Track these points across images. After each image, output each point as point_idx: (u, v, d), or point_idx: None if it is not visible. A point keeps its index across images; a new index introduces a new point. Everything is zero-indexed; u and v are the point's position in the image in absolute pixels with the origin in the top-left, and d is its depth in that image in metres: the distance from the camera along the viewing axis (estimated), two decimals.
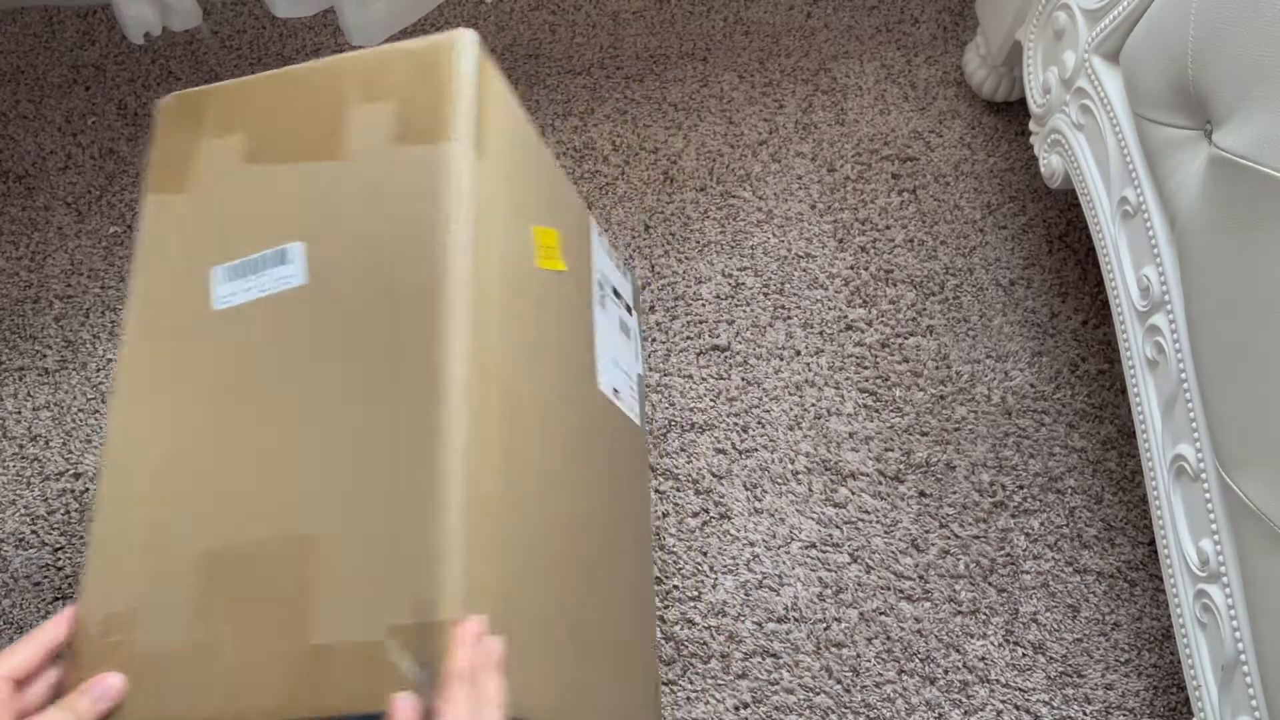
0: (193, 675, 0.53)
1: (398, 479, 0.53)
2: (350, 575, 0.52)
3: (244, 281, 0.60)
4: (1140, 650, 0.91)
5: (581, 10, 1.26)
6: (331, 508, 0.54)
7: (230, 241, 0.60)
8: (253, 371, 0.58)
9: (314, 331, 0.57)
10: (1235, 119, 0.68)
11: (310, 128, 0.62)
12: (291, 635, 0.52)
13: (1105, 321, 1.06)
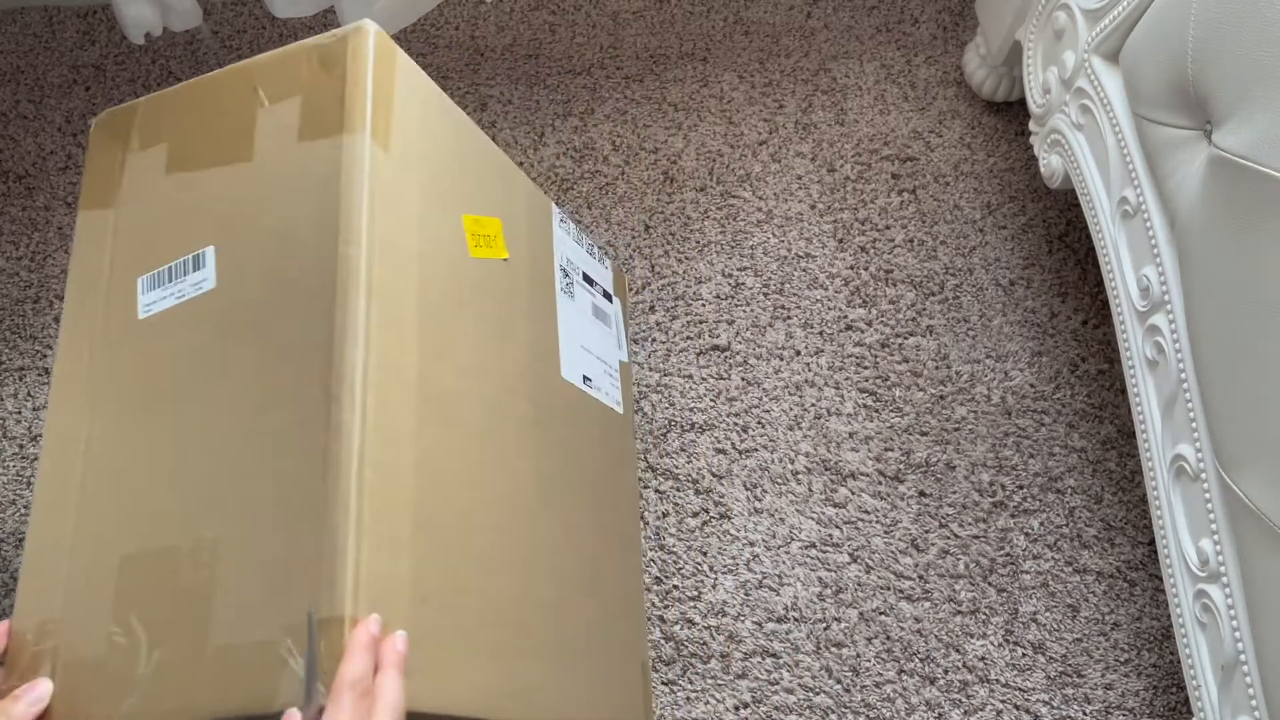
0: (112, 678, 0.54)
1: (294, 479, 0.53)
2: (251, 576, 0.53)
3: (164, 289, 0.60)
4: (1140, 650, 0.91)
5: (581, 10, 1.26)
6: (233, 510, 0.54)
7: (153, 251, 0.62)
8: (168, 378, 0.59)
9: (223, 335, 0.58)
10: (1235, 119, 0.68)
11: (224, 133, 0.62)
12: (197, 636, 0.52)
13: (1105, 321, 1.06)
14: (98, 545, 0.57)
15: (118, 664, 0.54)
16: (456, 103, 1.19)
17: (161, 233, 0.62)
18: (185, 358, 0.59)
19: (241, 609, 0.52)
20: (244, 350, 0.57)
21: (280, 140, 0.60)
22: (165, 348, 0.59)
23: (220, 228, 0.60)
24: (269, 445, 0.54)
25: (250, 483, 0.54)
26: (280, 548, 0.52)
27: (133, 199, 0.63)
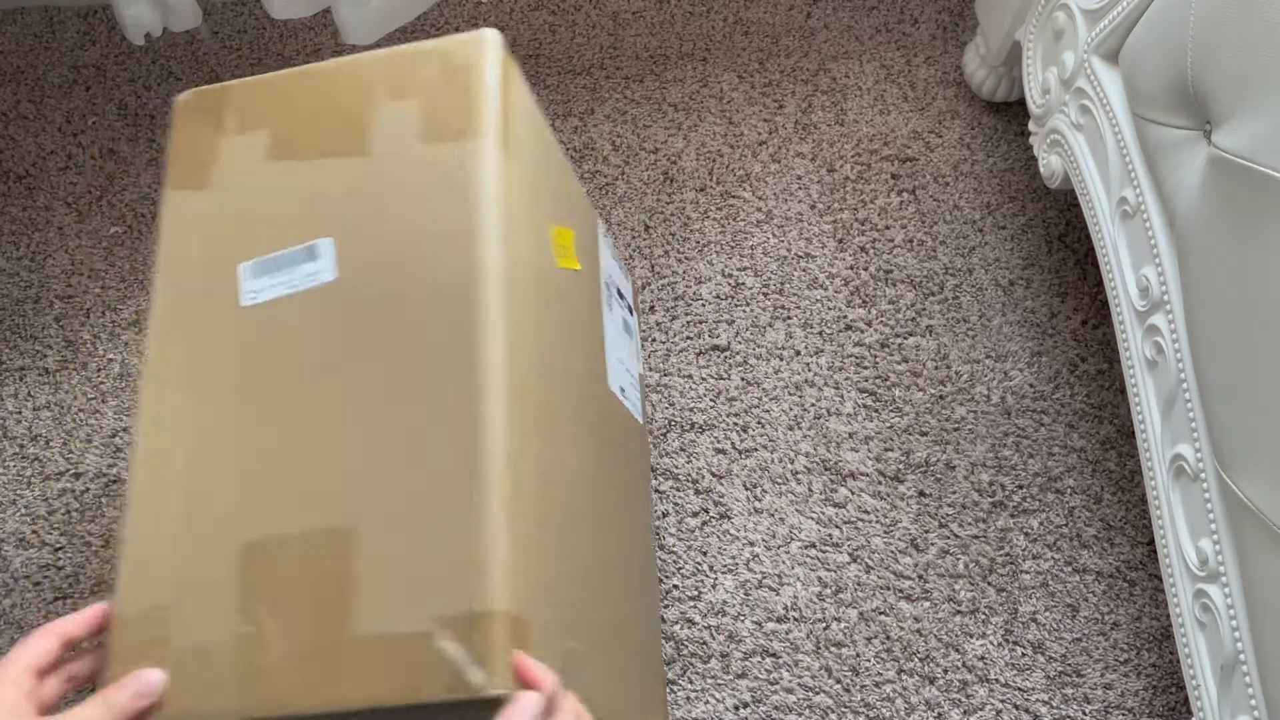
0: (234, 669, 0.53)
1: (440, 475, 0.54)
2: (393, 568, 0.53)
3: (272, 278, 0.60)
4: (1139, 650, 0.91)
5: (581, 10, 1.26)
6: (371, 502, 0.54)
7: (256, 238, 0.61)
8: (283, 367, 0.58)
9: (345, 328, 0.58)
10: (1234, 119, 0.68)
11: (335, 126, 0.62)
12: (336, 627, 0.52)
13: (1104, 321, 1.06)
14: (213, 533, 0.55)
15: (245, 653, 0.53)
16: None
17: (266, 220, 0.61)
18: (300, 348, 0.58)
19: (385, 600, 0.52)
20: (368, 345, 0.57)
21: (400, 139, 0.61)
22: (275, 337, 0.59)
23: (334, 220, 0.60)
24: (403, 440, 0.55)
25: (386, 477, 0.54)
26: (423, 541, 0.53)
27: (230, 183, 0.63)
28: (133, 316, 1.03)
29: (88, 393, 0.98)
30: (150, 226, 1.08)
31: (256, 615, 0.53)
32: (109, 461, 0.95)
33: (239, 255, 0.60)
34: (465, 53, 0.62)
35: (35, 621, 0.88)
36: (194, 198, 0.63)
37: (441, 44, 0.63)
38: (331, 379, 0.57)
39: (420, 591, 0.52)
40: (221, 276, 0.60)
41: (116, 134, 1.14)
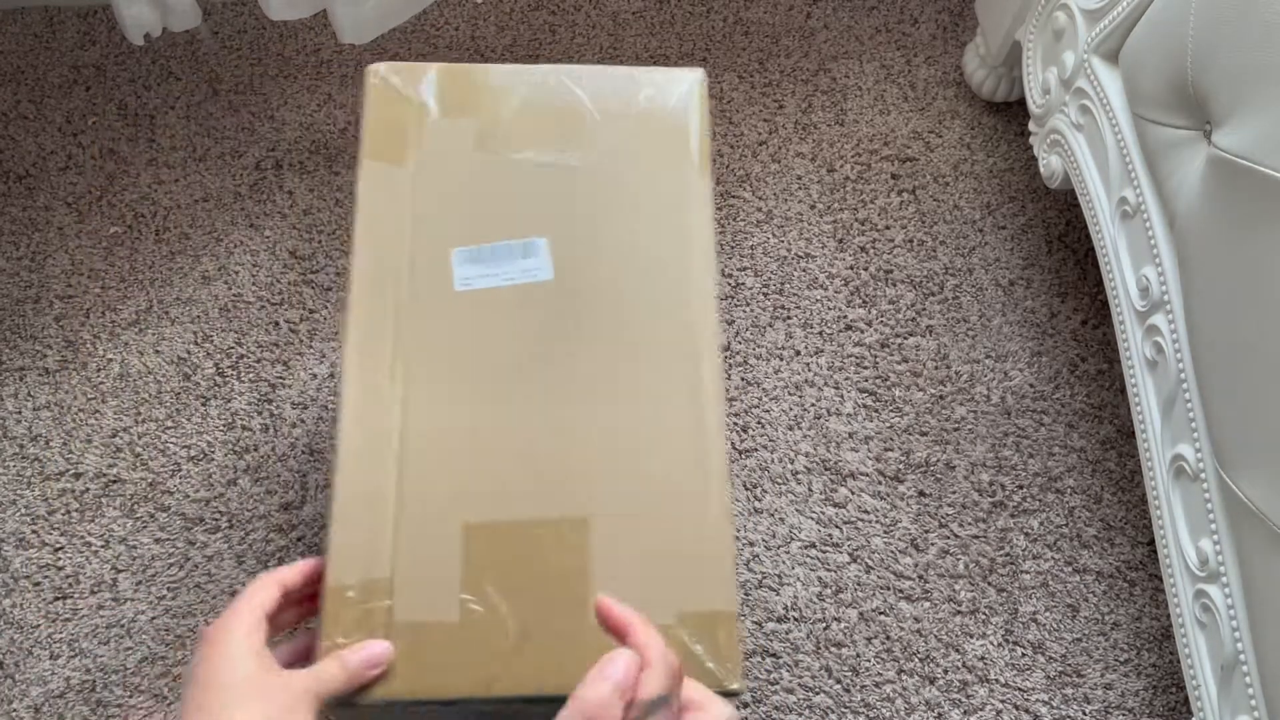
0: (469, 646, 0.54)
1: (675, 474, 0.58)
2: (631, 561, 0.55)
3: (487, 267, 0.62)
4: (1140, 650, 0.91)
5: (581, 10, 1.26)
6: (606, 494, 0.57)
7: (465, 225, 0.63)
8: (500, 355, 0.60)
9: (561, 324, 0.61)
10: (1234, 119, 0.68)
11: (547, 129, 0.65)
12: (576, 614, 0.54)
13: (1105, 321, 1.06)
14: (433, 511, 0.56)
15: (476, 632, 0.54)
16: None
17: (476, 209, 0.63)
18: (517, 339, 0.60)
19: (622, 592, 0.54)
20: (587, 343, 0.60)
21: (614, 156, 0.65)
22: (491, 325, 0.60)
23: (550, 221, 0.63)
24: (634, 438, 0.58)
25: (620, 471, 0.58)
26: (660, 537, 0.56)
27: (436, 165, 0.64)
28: (133, 316, 1.03)
29: (87, 393, 0.98)
30: (150, 227, 1.08)
31: (485, 596, 0.55)
32: (109, 461, 0.95)
33: (449, 240, 0.62)
34: (678, 84, 0.68)
35: (35, 621, 0.88)
36: (394, 173, 0.64)
37: (654, 73, 0.69)
38: (551, 372, 0.60)
39: (658, 586, 0.55)
40: (431, 258, 0.62)
41: (116, 134, 1.14)
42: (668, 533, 0.56)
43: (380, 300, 0.61)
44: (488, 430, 0.58)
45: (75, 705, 0.84)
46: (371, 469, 0.57)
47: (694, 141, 0.67)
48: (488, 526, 0.56)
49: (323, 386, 1.00)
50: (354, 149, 1.14)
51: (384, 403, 0.58)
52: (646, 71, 0.69)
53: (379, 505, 0.56)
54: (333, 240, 1.08)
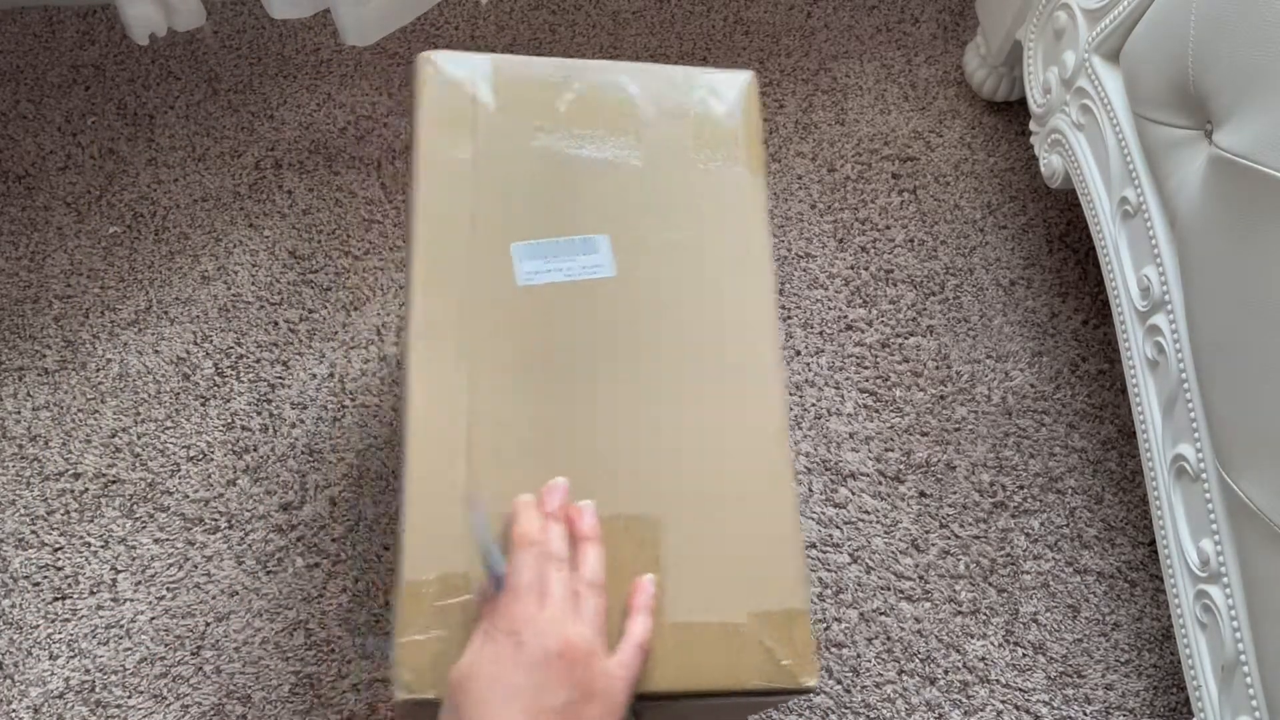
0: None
1: (743, 474, 0.58)
2: (702, 561, 0.56)
3: (548, 262, 0.61)
4: (1140, 650, 0.91)
5: (581, 10, 1.26)
6: (677, 494, 0.57)
7: (525, 219, 0.62)
8: (565, 350, 0.60)
9: (625, 322, 0.61)
10: (1235, 119, 0.68)
11: (604, 126, 0.65)
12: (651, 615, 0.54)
13: (1105, 321, 1.06)
14: (505, 507, 0.56)
15: None
16: None
17: (534, 203, 0.63)
18: (582, 335, 0.60)
19: (696, 590, 0.55)
20: (652, 342, 0.60)
21: (672, 156, 0.65)
22: (555, 321, 0.60)
23: (608, 218, 0.63)
24: (698, 439, 0.59)
25: (687, 472, 0.58)
26: (732, 536, 0.57)
27: (493, 156, 0.63)
28: (132, 316, 1.03)
29: (86, 393, 0.98)
30: (149, 227, 1.08)
31: None
32: (108, 461, 0.95)
33: (508, 233, 0.62)
34: (730, 87, 0.68)
35: (35, 621, 0.88)
36: (452, 161, 0.63)
37: (705, 73, 0.69)
38: (617, 369, 0.60)
39: (731, 585, 0.55)
40: (491, 250, 0.61)
41: (116, 134, 1.14)
42: (738, 532, 0.57)
43: (444, 291, 0.60)
44: (556, 426, 0.58)
45: (74, 705, 0.84)
46: (441, 465, 0.57)
47: (748, 143, 0.67)
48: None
49: (322, 386, 0.99)
50: (353, 149, 1.14)
51: (451, 397, 0.58)
52: (698, 72, 0.69)
53: (447, 500, 0.56)
54: (332, 240, 1.08)
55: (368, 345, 1.02)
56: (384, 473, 0.95)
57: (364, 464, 0.96)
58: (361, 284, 1.05)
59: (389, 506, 0.94)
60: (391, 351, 1.02)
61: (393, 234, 1.09)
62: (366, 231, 1.09)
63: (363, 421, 0.98)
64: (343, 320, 1.03)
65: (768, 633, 0.55)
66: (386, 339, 1.02)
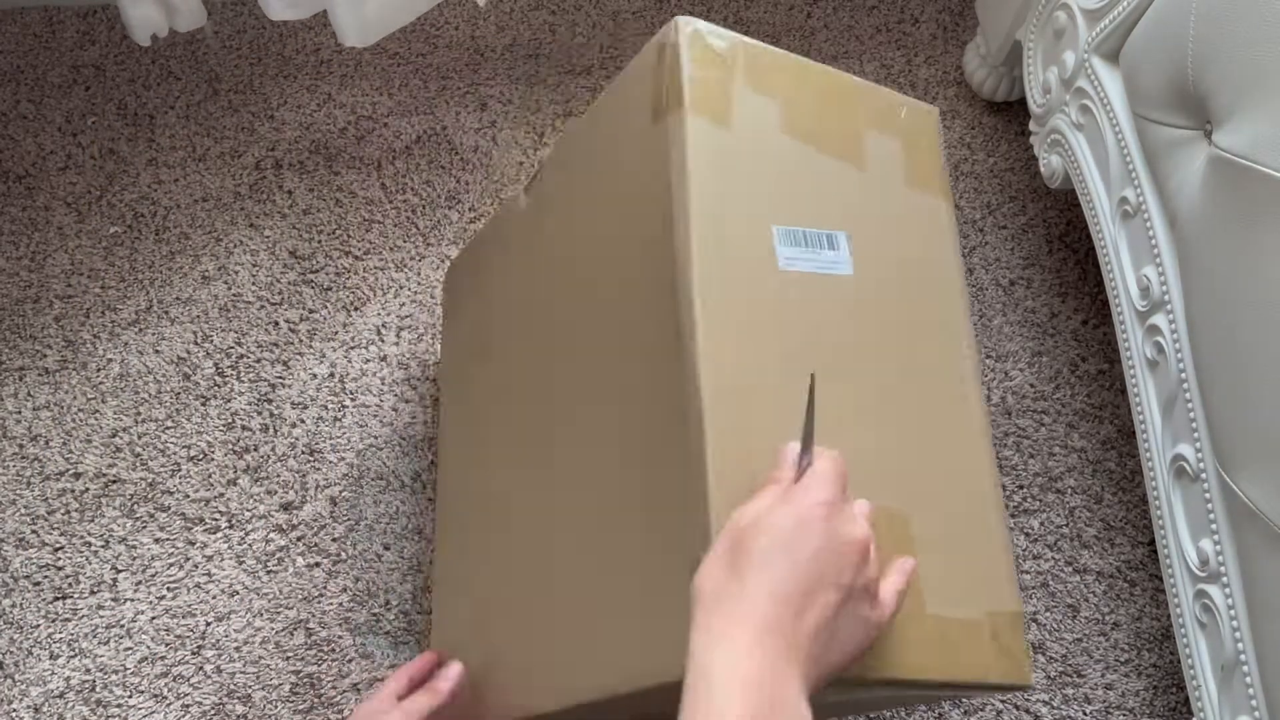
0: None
1: (967, 476, 0.62)
2: (944, 556, 0.58)
3: (802, 251, 0.61)
4: (1140, 650, 0.91)
5: (581, 10, 1.26)
6: (920, 490, 0.59)
7: (782, 204, 0.62)
8: (821, 341, 0.60)
9: (862, 321, 0.62)
10: (1235, 119, 0.68)
11: (834, 129, 0.66)
12: (915, 603, 0.55)
13: (1105, 321, 1.06)
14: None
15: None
16: (456, 103, 1.19)
17: (786, 190, 0.62)
18: (832, 328, 0.61)
19: (943, 586, 0.57)
20: (883, 344, 0.62)
21: (888, 172, 0.67)
22: (811, 310, 0.60)
23: (845, 218, 0.63)
24: (936, 440, 0.61)
25: (929, 469, 0.60)
26: (968, 537, 0.60)
27: (749, 136, 0.62)
28: (132, 316, 1.03)
29: (87, 393, 0.98)
30: (149, 227, 1.08)
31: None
32: (108, 461, 0.95)
33: (769, 216, 0.61)
34: (926, 116, 0.71)
35: (35, 621, 0.88)
36: (717, 133, 0.61)
37: (908, 100, 0.70)
38: (860, 365, 0.60)
39: (971, 583, 0.58)
40: (752, 229, 0.60)
41: (116, 134, 1.14)
42: (974, 534, 0.60)
43: (725, 274, 0.58)
44: (833, 416, 0.58)
45: (75, 705, 0.84)
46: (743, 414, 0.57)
47: (943, 173, 0.71)
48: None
49: (322, 386, 0.99)
50: (354, 149, 1.14)
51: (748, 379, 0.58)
52: (904, 99, 0.70)
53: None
54: (332, 240, 1.08)
55: (368, 345, 1.02)
56: (384, 472, 0.95)
57: (364, 464, 0.96)
58: (362, 284, 1.05)
59: (389, 506, 0.94)
60: (392, 351, 1.02)
61: (393, 234, 1.09)
62: (366, 231, 1.09)
63: (363, 421, 0.98)
64: (343, 320, 1.03)
65: (1002, 631, 0.57)
66: (386, 339, 1.02)
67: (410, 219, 1.10)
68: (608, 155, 0.67)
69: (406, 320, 1.03)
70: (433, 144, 1.15)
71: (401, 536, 0.92)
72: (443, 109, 1.17)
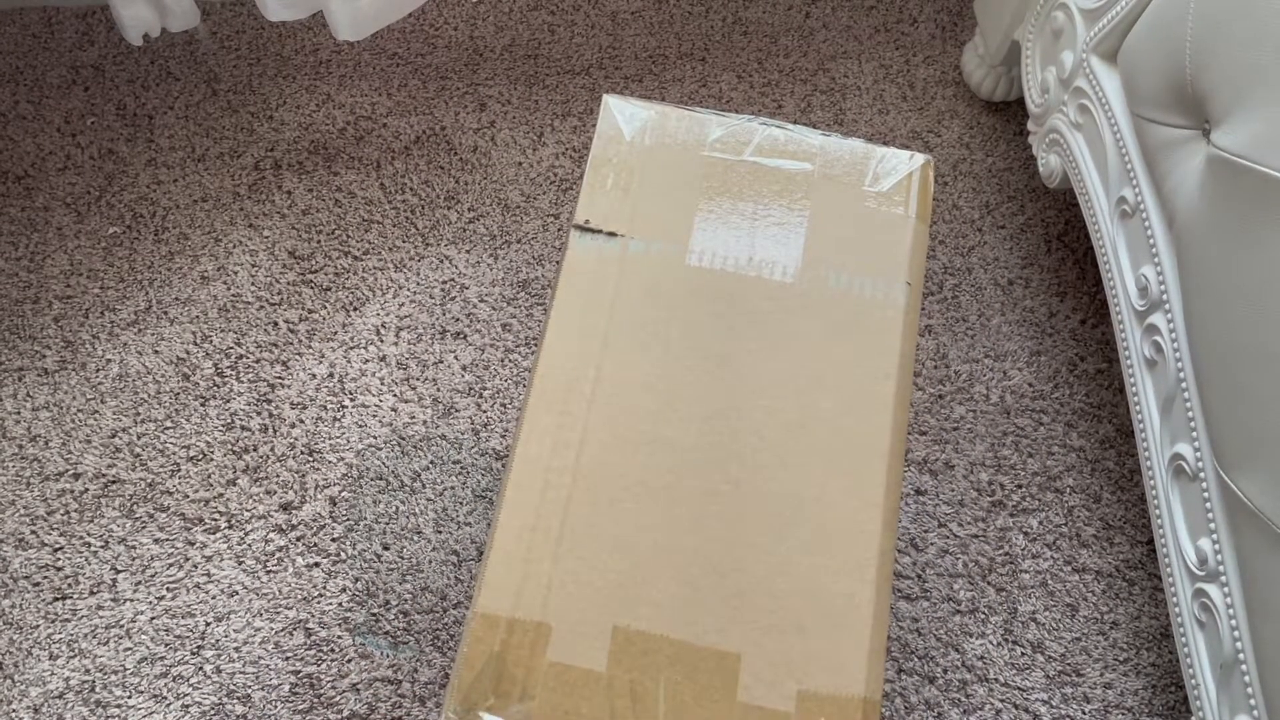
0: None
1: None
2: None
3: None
4: (1139, 649, 0.91)
5: (581, 10, 1.26)
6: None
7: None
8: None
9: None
10: (1233, 119, 0.68)
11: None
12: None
13: (1104, 321, 1.06)
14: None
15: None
16: (455, 103, 1.19)
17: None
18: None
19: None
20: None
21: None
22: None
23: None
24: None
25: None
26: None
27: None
28: (132, 317, 1.03)
29: (86, 393, 0.98)
30: (149, 227, 1.08)
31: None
32: (108, 462, 0.95)
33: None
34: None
35: (34, 622, 0.88)
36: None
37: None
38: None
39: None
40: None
41: (115, 134, 1.14)
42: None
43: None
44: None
45: (74, 706, 0.84)
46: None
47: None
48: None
49: (321, 386, 1.00)
50: (353, 149, 1.14)
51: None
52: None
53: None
54: (332, 240, 1.08)
55: (367, 345, 1.02)
56: (384, 472, 0.95)
57: (364, 464, 0.96)
58: (361, 284, 1.06)
59: (388, 506, 0.94)
60: (392, 351, 1.02)
61: (392, 234, 1.09)
62: (366, 231, 1.09)
63: (362, 421, 0.98)
64: (342, 320, 1.03)
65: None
66: (386, 339, 1.02)
67: (409, 219, 1.10)
68: None
69: (405, 320, 1.03)
70: (431, 144, 1.15)
71: (401, 536, 0.92)
72: (441, 109, 1.17)
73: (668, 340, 0.60)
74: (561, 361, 0.59)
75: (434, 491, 0.94)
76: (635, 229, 0.62)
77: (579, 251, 0.62)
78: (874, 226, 0.63)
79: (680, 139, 0.65)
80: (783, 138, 0.65)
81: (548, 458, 0.57)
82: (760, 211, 0.63)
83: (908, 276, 0.62)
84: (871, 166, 0.65)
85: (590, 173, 0.64)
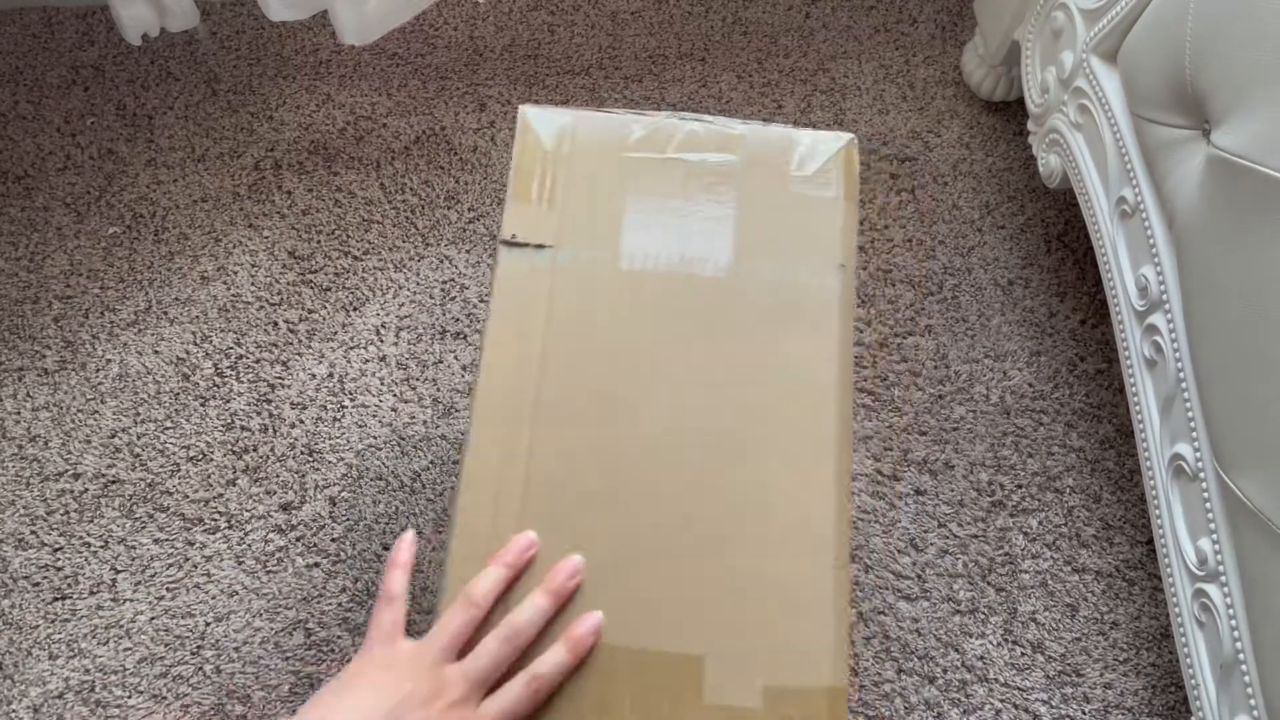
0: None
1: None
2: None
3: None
4: (1139, 649, 0.91)
5: (580, 10, 1.26)
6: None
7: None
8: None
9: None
10: (1233, 119, 0.68)
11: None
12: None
13: (1103, 321, 1.06)
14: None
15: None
16: (455, 103, 1.19)
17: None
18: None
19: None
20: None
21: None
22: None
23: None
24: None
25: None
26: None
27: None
28: (131, 317, 1.03)
29: (86, 393, 0.98)
30: (148, 227, 1.08)
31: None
32: (108, 462, 0.95)
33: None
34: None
35: (34, 622, 0.88)
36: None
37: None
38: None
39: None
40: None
41: (115, 134, 1.14)
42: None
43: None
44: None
45: (74, 706, 0.84)
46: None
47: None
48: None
49: (321, 386, 1.00)
50: (353, 149, 1.14)
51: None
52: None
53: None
54: (331, 240, 1.08)
55: (367, 345, 1.02)
56: (383, 472, 0.95)
57: (364, 464, 0.96)
58: (361, 284, 1.06)
59: (388, 506, 0.94)
60: (392, 351, 1.02)
61: (392, 234, 1.09)
62: (366, 232, 1.09)
63: (362, 422, 0.98)
64: (342, 320, 1.03)
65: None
66: (386, 339, 1.02)
67: (409, 219, 1.10)
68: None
69: (405, 320, 1.03)
70: (431, 144, 1.15)
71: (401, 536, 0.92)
72: (441, 109, 1.17)
73: (607, 347, 0.60)
74: (500, 380, 0.59)
75: (434, 491, 0.94)
76: (563, 238, 0.62)
77: (508, 267, 0.61)
78: (803, 211, 0.63)
79: (601, 142, 0.64)
80: (705, 131, 0.65)
81: (495, 479, 0.57)
82: (689, 208, 0.63)
83: (840, 259, 0.62)
84: (797, 151, 0.64)
85: (513, 185, 0.63)
